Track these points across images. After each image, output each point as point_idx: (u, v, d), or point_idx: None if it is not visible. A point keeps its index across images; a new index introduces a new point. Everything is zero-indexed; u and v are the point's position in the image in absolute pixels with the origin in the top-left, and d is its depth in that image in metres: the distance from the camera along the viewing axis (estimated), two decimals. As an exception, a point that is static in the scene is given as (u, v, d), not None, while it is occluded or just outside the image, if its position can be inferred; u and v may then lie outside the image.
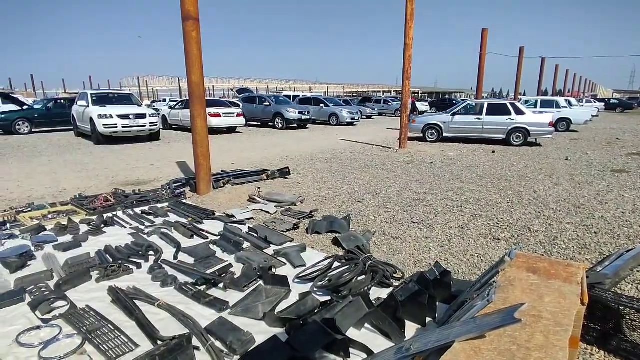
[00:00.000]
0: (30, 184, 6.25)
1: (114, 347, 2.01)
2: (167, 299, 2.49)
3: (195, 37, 4.67)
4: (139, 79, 52.52)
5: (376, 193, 5.41)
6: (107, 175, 6.94)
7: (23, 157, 9.10)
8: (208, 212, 4.35)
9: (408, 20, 8.98)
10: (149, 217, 4.26)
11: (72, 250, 3.32)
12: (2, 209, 4.51)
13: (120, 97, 13.32)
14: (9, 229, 3.80)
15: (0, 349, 2.02)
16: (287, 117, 16.38)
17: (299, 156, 8.97)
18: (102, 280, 2.77)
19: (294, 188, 5.72)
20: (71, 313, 2.33)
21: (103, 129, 11.09)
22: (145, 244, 3.37)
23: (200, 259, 3.15)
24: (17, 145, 11.35)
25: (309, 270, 2.89)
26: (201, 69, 4.84)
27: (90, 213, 4.30)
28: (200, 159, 5.16)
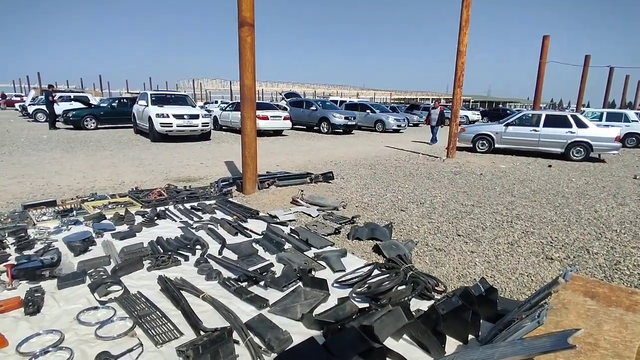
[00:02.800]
0: (94, 175, 6.78)
1: (161, 333, 2.12)
2: (210, 292, 2.59)
3: (250, 43, 4.86)
4: (194, 81, 55.27)
5: (420, 202, 5.29)
6: (161, 171, 7.37)
7: (89, 151, 9.89)
8: (252, 211, 4.48)
9: (463, 26, 8.72)
10: (198, 212, 4.46)
11: (127, 239, 3.55)
12: (70, 197, 4.92)
13: (176, 98, 14.10)
14: (75, 216, 4.14)
15: (63, 324, 2.21)
16: (333, 121, 16.47)
17: (343, 161, 8.99)
18: (153, 269, 2.94)
19: (337, 193, 5.74)
20: (124, 297, 2.49)
21: (160, 127, 11.79)
22: (193, 238, 3.53)
23: (243, 256, 3.25)
24: (84, 139, 12.36)
25: (349, 276, 2.89)
26: (253, 72, 5.01)
27: (145, 205, 4.59)
28: (247, 160, 5.33)
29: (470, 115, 29.09)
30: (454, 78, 9.13)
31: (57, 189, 5.75)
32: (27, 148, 10.12)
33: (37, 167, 7.54)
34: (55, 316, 2.30)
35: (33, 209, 4.29)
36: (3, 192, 5.44)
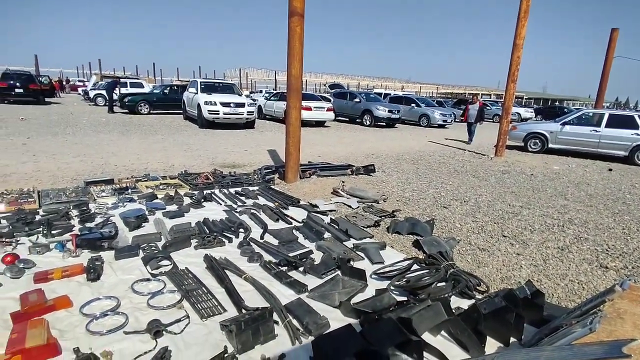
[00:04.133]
0: (147, 157, 7.19)
1: (206, 307, 2.24)
2: (252, 273, 2.69)
3: (299, 33, 4.90)
4: (240, 71, 56.61)
5: (464, 200, 5.13)
6: (207, 156, 7.67)
7: (142, 134, 10.48)
8: (293, 199, 4.56)
9: (521, 18, 8.24)
10: (241, 197, 4.61)
11: (176, 219, 3.76)
12: (125, 177, 5.26)
13: (224, 86, 14.54)
14: (130, 194, 4.43)
15: (119, 291, 2.40)
16: (376, 114, 16.27)
17: (385, 155, 8.88)
18: (200, 248, 3.09)
19: (378, 186, 5.69)
20: (174, 272, 2.65)
21: (207, 114, 12.23)
22: (237, 221, 3.67)
23: (284, 242, 3.33)
24: (138, 123, 13.10)
25: (387, 269, 2.88)
26: (301, 63, 5.06)
27: (192, 188, 4.81)
28: (291, 149, 5.41)
29: (522, 112, 27.56)
30: (508, 73, 8.68)
31: (114, 168, 6.17)
32: (88, 129, 10.90)
33: (96, 147, 8.11)
34: (113, 284, 2.49)
35: (94, 186, 4.65)
36: (68, 168, 5.92)
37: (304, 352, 1.94)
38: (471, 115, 12.10)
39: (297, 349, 1.97)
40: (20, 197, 4.04)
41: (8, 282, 2.44)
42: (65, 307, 2.20)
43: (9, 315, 2.08)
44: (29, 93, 18.35)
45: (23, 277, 2.50)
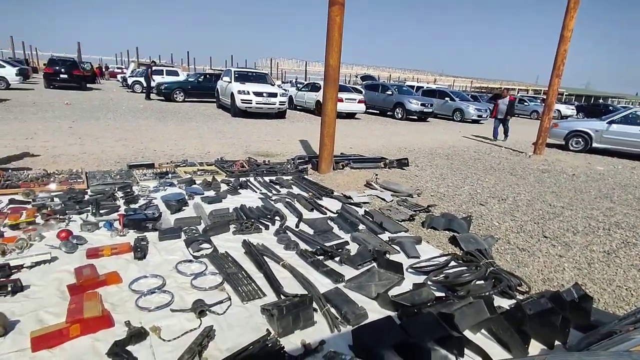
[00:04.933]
0: (184, 144, 7.39)
1: (247, 291, 2.30)
2: (289, 261, 2.73)
3: (339, 22, 4.86)
4: (272, 60, 56.89)
5: (502, 198, 4.98)
6: (241, 144, 7.80)
7: (178, 121, 10.77)
8: (327, 190, 4.58)
9: (571, 8, 7.80)
10: (276, 186, 4.67)
11: (214, 204, 3.86)
12: (165, 162, 5.44)
13: (257, 75, 14.67)
14: (170, 178, 4.58)
15: (164, 271, 2.50)
16: (408, 107, 15.98)
17: (418, 149, 8.73)
18: (238, 233, 3.17)
19: (411, 180, 5.62)
20: (214, 255, 2.73)
21: (240, 103, 12.40)
22: (273, 209, 3.73)
23: (319, 231, 3.36)
24: (174, 110, 13.47)
25: (423, 263, 2.86)
26: (339, 53, 5.03)
27: (229, 175, 4.92)
28: (325, 139, 5.42)
29: (563, 109, 26.30)
30: (553, 67, 8.28)
31: (153, 153, 6.39)
32: (127, 115, 11.32)
33: (136, 132, 8.42)
34: (158, 263, 2.60)
35: (136, 169, 4.84)
36: (111, 152, 6.18)
37: (342, 340, 1.96)
38: (501, 110, 11.19)
39: (335, 336, 1.99)
40: (70, 178, 4.27)
41: (63, 256, 2.59)
42: (116, 282, 2.31)
43: (66, 287, 2.22)
44: (73, 79, 19.18)
45: (76, 253, 2.65)
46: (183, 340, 1.85)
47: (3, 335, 1.78)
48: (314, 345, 1.87)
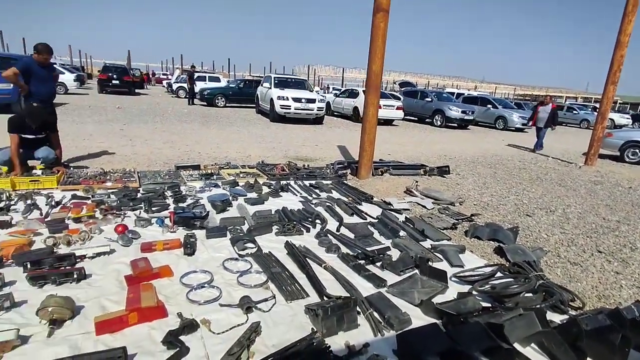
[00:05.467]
0: (226, 147, 7.65)
1: (291, 291, 2.35)
2: (331, 264, 2.76)
3: (383, 29, 4.87)
4: (309, 67, 57.59)
5: (550, 210, 4.75)
6: (281, 148, 7.96)
7: (220, 125, 11.16)
8: (367, 195, 4.58)
9: (629, 12, 7.36)
10: (316, 190, 4.72)
11: (257, 205, 3.96)
12: (209, 164, 5.66)
13: (296, 82, 14.93)
14: (214, 180, 4.76)
15: (212, 267, 2.60)
16: (448, 115, 15.63)
17: (459, 157, 8.51)
18: (280, 234, 3.24)
19: (453, 188, 5.49)
20: (258, 254, 2.81)
21: (279, 109, 12.66)
22: (313, 212, 3.77)
23: (360, 236, 3.36)
24: (216, 115, 13.96)
25: (468, 273, 2.79)
26: (382, 60, 5.03)
27: (270, 178, 5.03)
28: (365, 145, 5.42)
29: (617, 118, 24.71)
30: (608, 73, 7.82)
31: (198, 155, 6.66)
32: (172, 119, 11.87)
33: (181, 135, 8.81)
34: (206, 260, 2.71)
35: (183, 170, 5.07)
36: (159, 153, 6.51)
37: (386, 344, 1.96)
38: (541, 118, 10.51)
39: (379, 340, 1.99)
40: (124, 176, 4.54)
41: (120, 249, 2.77)
42: (168, 276, 2.44)
43: (124, 278, 2.36)
44: (123, 84, 20.41)
45: (132, 246, 2.82)
46: (231, 333, 1.92)
47: (71, 318, 1.92)
48: (358, 348, 1.88)
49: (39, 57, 4.70)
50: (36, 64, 4.71)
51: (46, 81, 4.86)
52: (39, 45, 4.71)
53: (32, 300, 2.03)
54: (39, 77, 4.74)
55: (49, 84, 4.95)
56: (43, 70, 4.79)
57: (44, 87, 4.83)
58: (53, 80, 5.11)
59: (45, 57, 4.75)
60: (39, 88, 4.76)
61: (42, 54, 4.72)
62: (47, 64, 4.88)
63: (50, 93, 5.03)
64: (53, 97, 5.12)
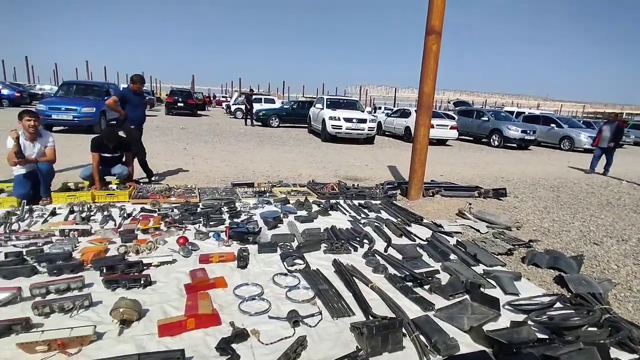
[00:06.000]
0: (278, 166, 7.95)
1: (337, 308, 2.39)
2: (377, 284, 2.76)
3: (435, 51, 4.89)
4: (361, 88, 58.20)
5: (622, 239, 4.35)
6: (331, 168, 8.10)
7: (273, 145, 11.61)
8: (416, 216, 4.52)
9: None
10: (364, 209, 4.75)
11: (306, 223, 4.08)
12: (263, 182, 5.92)
13: (348, 102, 15.21)
14: (267, 197, 4.97)
15: (263, 281, 2.72)
16: (506, 134, 14.94)
17: (517, 179, 8.09)
18: (328, 252, 3.31)
19: (510, 212, 5.24)
20: (307, 271, 2.90)
21: (330, 129, 12.93)
22: (362, 232, 3.81)
23: (408, 257, 3.33)
24: (270, 135, 14.56)
25: (524, 301, 2.65)
26: (434, 81, 5.03)
27: (320, 196, 5.16)
28: (416, 166, 5.38)
29: None
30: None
31: (252, 173, 6.99)
32: (230, 139, 12.57)
33: (237, 154, 9.31)
34: (257, 273, 2.85)
35: (238, 187, 5.36)
36: (217, 171, 6.93)
37: (432, 369, 1.92)
38: (604, 137, 9.68)
39: (425, 365, 1.96)
40: (186, 192, 4.91)
41: (181, 259, 3.00)
42: (222, 286, 2.60)
43: (183, 286, 2.56)
44: (187, 107, 22.05)
45: (191, 257, 3.04)
46: (279, 345, 2.00)
47: (138, 319, 2.12)
48: (403, 370, 1.87)
49: (133, 86, 5.52)
50: (131, 93, 5.49)
51: (139, 107, 5.62)
52: (134, 76, 5.49)
53: (106, 302, 2.27)
54: (133, 103, 5.52)
55: (141, 109, 5.71)
56: (136, 97, 5.58)
57: (137, 112, 5.59)
58: (144, 105, 5.82)
59: (139, 86, 5.55)
60: (133, 113, 5.51)
61: (136, 84, 5.52)
62: (140, 92, 5.62)
63: (142, 117, 5.79)
64: (144, 121, 5.85)
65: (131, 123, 5.51)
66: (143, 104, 5.80)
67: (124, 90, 5.77)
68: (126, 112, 5.44)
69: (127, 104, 5.46)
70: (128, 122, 5.50)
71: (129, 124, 5.50)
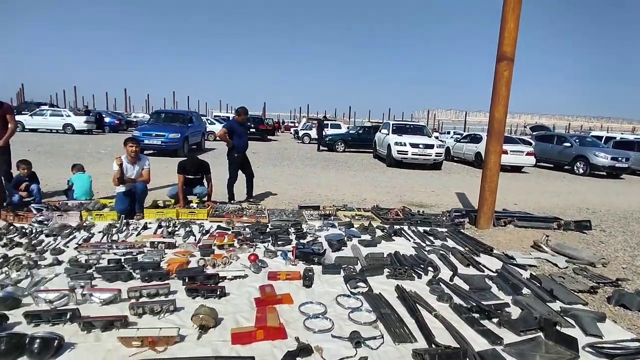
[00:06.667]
0: (343, 190, 8.11)
1: (399, 333, 2.41)
2: (442, 313, 2.72)
3: (507, 77, 4.77)
4: (429, 112, 57.10)
5: None
6: (395, 193, 8.06)
7: (338, 169, 11.86)
8: (486, 246, 4.33)
9: None
10: (429, 236, 4.67)
11: (370, 247, 4.13)
12: (328, 205, 6.10)
13: (414, 127, 15.09)
14: (332, 220, 5.12)
15: (326, 300, 2.82)
16: (593, 161, 13.59)
17: (605, 211, 7.32)
18: (391, 278, 3.32)
19: (595, 247, 4.77)
20: (369, 294, 2.95)
21: (396, 154, 12.87)
22: (426, 259, 3.76)
23: (475, 288, 3.21)
24: (335, 159, 14.88)
25: (607, 345, 2.42)
26: (506, 107, 4.88)
27: (383, 221, 5.18)
28: (486, 194, 5.17)
29: None
30: None
31: (318, 196, 7.22)
32: (297, 162, 13.10)
33: (304, 177, 9.67)
34: (321, 293, 2.96)
35: (305, 210, 5.58)
36: (285, 194, 7.28)
37: (499, 406, 1.85)
38: None
39: (491, 400, 1.89)
40: (257, 212, 5.25)
41: (251, 274, 3.23)
42: (288, 303, 2.75)
43: (253, 300, 2.76)
44: (259, 132, 23.43)
45: (260, 273, 3.26)
46: (341, 364, 2.07)
47: (214, 326, 2.34)
48: (467, 402, 1.83)
49: (238, 117, 6.12)
50: (237, 123, 6.07)
51: (243, 136, 6.19)
52: (239, 109, 6.16)
53: (188, 308, 2.54)
54: (238, 133, 6.10)
55: (245, 137, 6.27)
56: (241, 127, 6.16)
57: (242, 140, 6.16)
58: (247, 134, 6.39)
59: (243, 117, 6.12)
60: (238, 142, 6.09)
61: (241, 115, 6.13)
62: (244, 122, 6.21)
63: (246, 145, 6.33)
64: (247, 147, 6.39)
65: (237, 151, 6.06)
66: (246, 134, 6.34)
67: (231, 121, 6.38)
68: (233, 141, 5.99)
69: (233, 133, 6.02)
70: (234, 150, 6.05)
71: (235, 151, 6.05)
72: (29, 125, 20.12)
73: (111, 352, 2.08)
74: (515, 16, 4.75)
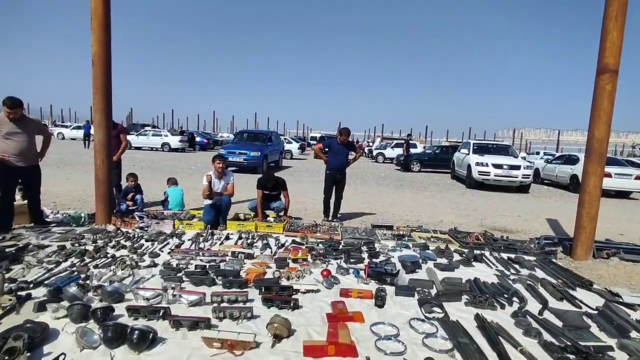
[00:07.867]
0: (418, 211, 7.85)
1: (479, 366, 2.23)
2: (529, 349, 2.46)
3: (609, 91, 4.27)
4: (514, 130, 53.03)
5: None
6: (476, 216, 7.57)
7: (414, 190, 11.53)
8: (584, 280, 3.84)
9: None
10: (515, 265, 4.29)
11: (446, 272, 3.92)
12: (402, 225, 5.95)
13: (498, 147, 14.12)
14: (406, 241, 4.98)
15: (399, 323, 2.73)
16: None
17: None
18: (470, 305, 3.11)
19: None
20: (445, 320, 2.79)
21: (477, 175, 12.14)
22: (511, 289, 3.45)
23: (570, 326, 2.86)
24: (410, 179, 14.51)
25: None
26: (608, 124, 4.35)
27: (462, 245, 4.89)
28: (584, 221, 4.62)
29: None
30: None
31: (391, 216, 7.09)
32: (371, 182, 13.04)
33: (377, 197, 9.58)
34: (394, 314, 2.88)
35: (378, 229, 5.52)
36: (357, 212, 7.28)
37: None
38: None
39: None
40: (330, 229, 5.32)
41: (324, 289, 3.26)
42: (360, 321, 2.72)
43: (325, 315, 2.78)
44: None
45: (332, 289, 3.28)
46: (414, 390, 1.98)
47: (287, 337, 2.41)
48: None
49: (340, 137, 6.25)
50: (336, 142, 6.29)
51: (339, 155, 6.26)
52: (342, 129, 6.32)
53: (263, 316, 2.65)
54: (335, 151, 6.25)
55: (342, 157, 6.29)
56: (340, 147, 6.27)
57: (337, 159, 6.23)
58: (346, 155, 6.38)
59: (344, 138, 6.22)
60: (333, 159, 6.24)
61: (342, 135, 6.25)
62: (346, 143, 6.28)
63: (341, 165, 6.27)
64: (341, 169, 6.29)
65: (329, 168, 6.21)
66: (345, 153, 6.31)
67: (331, 139, 6.59)
68: (329, 159, 6.18)
69: (330, 151, 6.24)
70: (327, 167, 6.24)
71: (327, 169, 6.23)
72: (135, 144, 23.02)
73: (195, 350, 2.24)
74: (620, 25, 4.27)
